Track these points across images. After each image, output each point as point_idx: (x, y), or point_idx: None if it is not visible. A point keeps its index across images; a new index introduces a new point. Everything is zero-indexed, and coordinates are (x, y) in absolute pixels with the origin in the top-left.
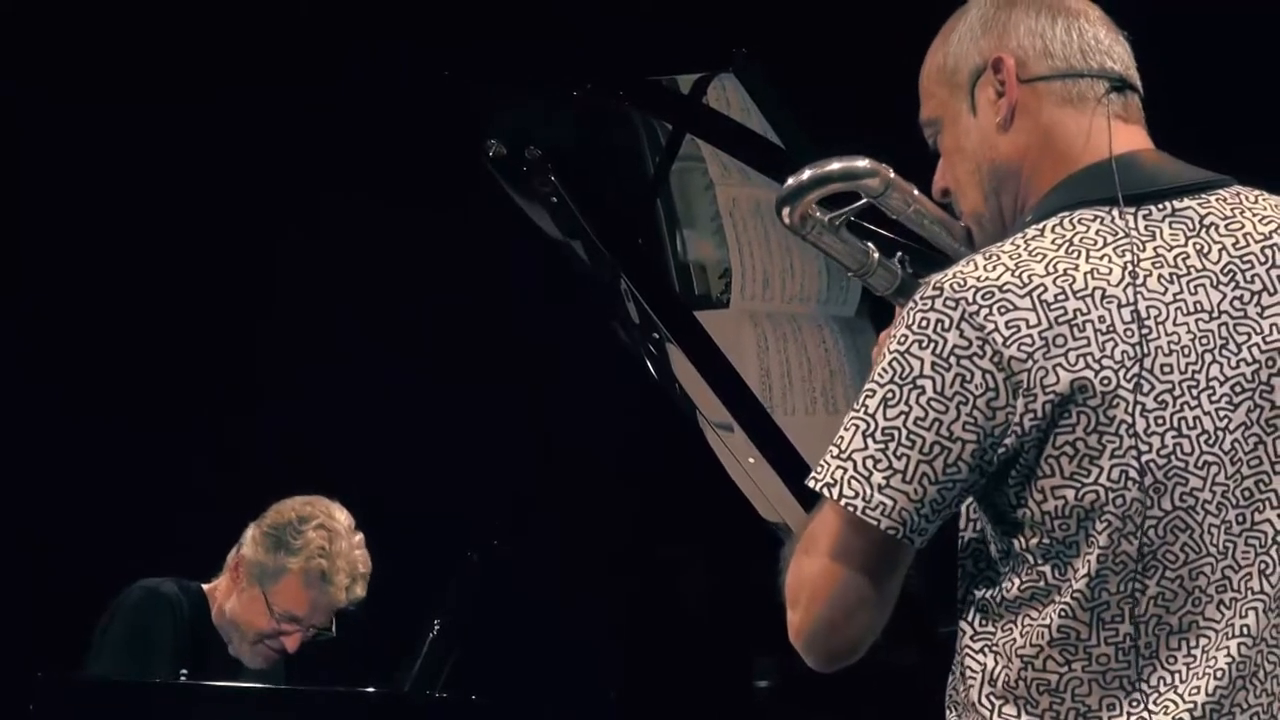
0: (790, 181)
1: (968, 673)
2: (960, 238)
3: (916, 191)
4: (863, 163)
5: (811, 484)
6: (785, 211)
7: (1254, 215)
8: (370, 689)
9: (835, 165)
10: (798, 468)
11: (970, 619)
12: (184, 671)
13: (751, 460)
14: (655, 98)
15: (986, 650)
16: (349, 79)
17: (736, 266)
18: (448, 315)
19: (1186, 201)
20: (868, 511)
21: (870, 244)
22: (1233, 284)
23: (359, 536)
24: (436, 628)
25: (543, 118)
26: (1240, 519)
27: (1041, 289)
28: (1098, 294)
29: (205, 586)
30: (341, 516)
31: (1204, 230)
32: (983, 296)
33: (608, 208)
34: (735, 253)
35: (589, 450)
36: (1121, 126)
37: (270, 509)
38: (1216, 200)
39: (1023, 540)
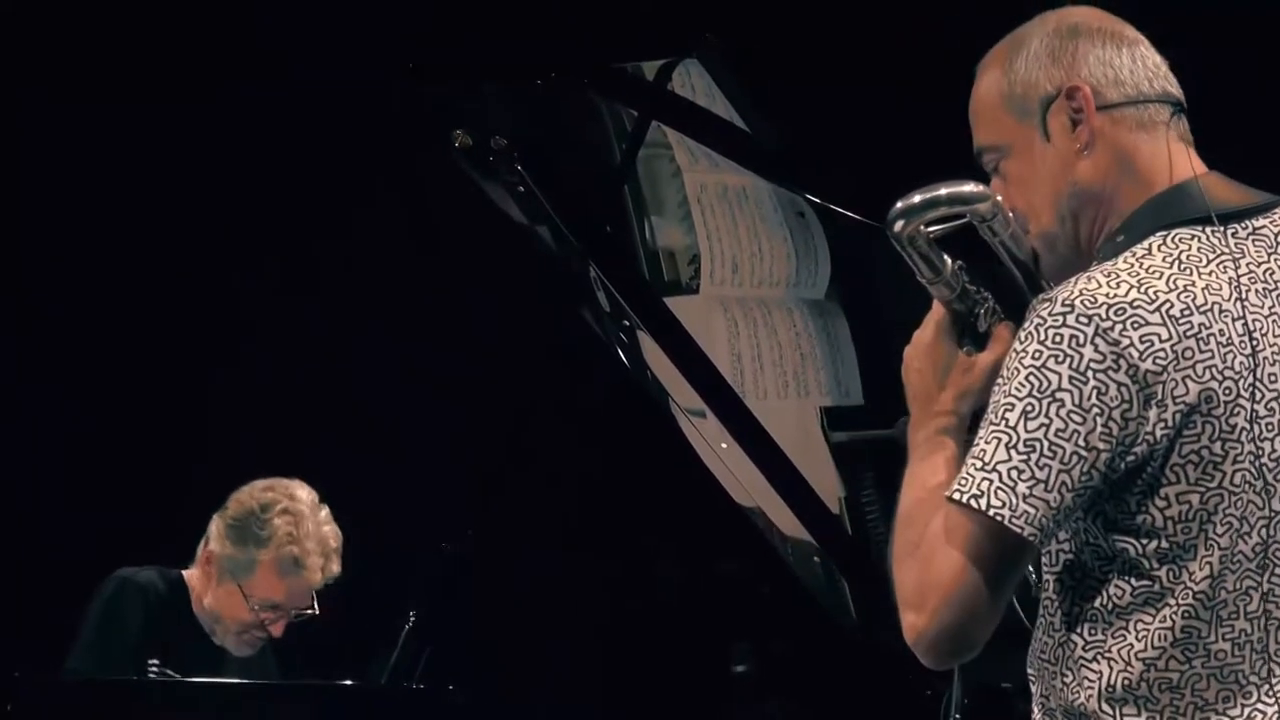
0: (901, 203)
1: (1084, 681)
2: (1028, 256)
3: (1012, 214)
4: (972, 187)
5: (958, 497)
6: (899, 226)
7: None
8: (346, 681)
9: (944, 190)
10: (771, 452)
11: (1079, 630)
12: (153, 662)
13: (724, 445)
14: (620, 85)
15: (1100, 658)
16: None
17: (705, 252)
18: (417, 307)
19: (1261, 220)
20: (1013, 520)
21: (947, 256)
22: None
23: (325, 511)
24: (411, 619)
25: (508, 107)
26: None
27: (1169, 304)
28: (1216, 309)
29: (185, 573)
30: (304, 495)
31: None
32: (1115, 312)
33: (575, 196)
34: (704, 239)
35: (562, 439)
36: (1189, 150)
37: (231, 499)
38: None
39: (1138, 545)
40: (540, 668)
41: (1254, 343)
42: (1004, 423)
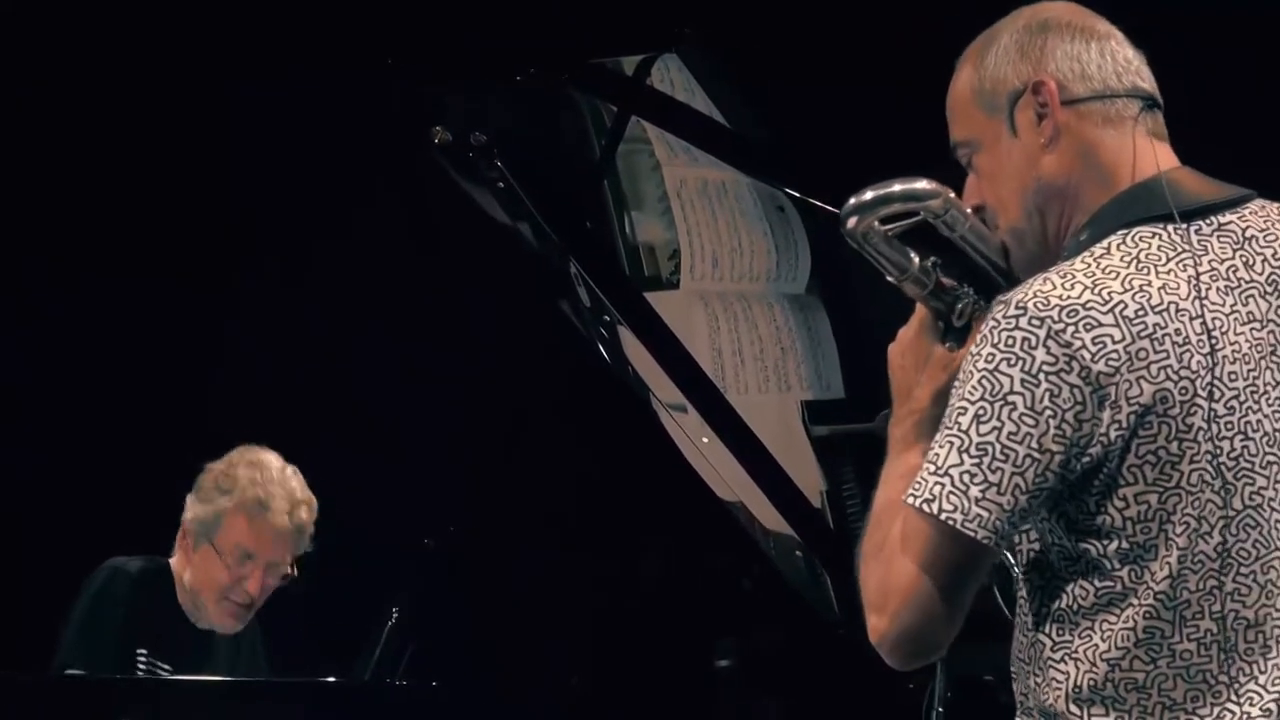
0: (854, 200)
1: (1052, 682)
2: (996, 252)
3: (969, 210)
4: (924, 184)
5: (911, 501)
6: (851, 223)
7: None
8: (330, 678)
9: (898, 187)
10: (752, 446)
11: (1047, 630)
12: (142, 652)
13: (706, 440)
14: (600, 80)
15: (1067, 659)
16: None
17: (685, 247)
18: (406, 305)
19: (1228, 216)
20: (966, 524)
21: (912, 252)
22: (1276, 293)
23: (292, 469)
24: (395, 615)
25: (488, 103)
26: None
27: (1122, 305)
28: (1172, 308)
29: (171, 561)
30: (270, 457)
31: (1247, 243)
32: (1067, 314)
33: (555, 191)
34: (684, 233)
35: (544, 435)
36: (1157, 144)
37: (200, 476)
38: (1250, 214)
39: (1099, 546)
40: (523, 663)
41: (1213, 341)
42: (957, 426)
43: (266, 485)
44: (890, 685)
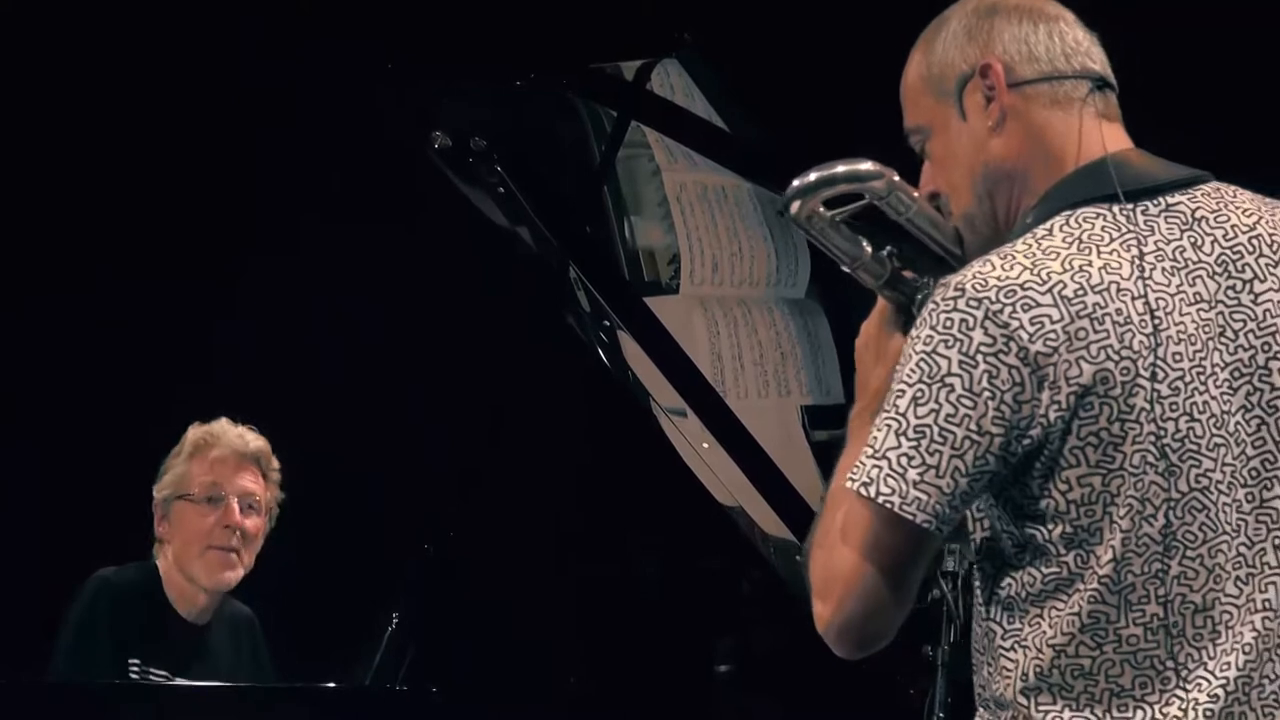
0: (797, 181)
1: (1003, 671)
2: (950, 237)
3: (915, 193)
4: (867, 165)
5: (850, 484)
6: (794, 206)
7: (1237, 208)
8: (330, 684)
9: (841, 168)
10: (752, 451)
11: (998, 618)
12: (134, 662)
13: (706, 445)
14: (599, 85)
15: (1017, 647)
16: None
17: (685, 252)
18: (396, 306)
19: (1177, 197)
20: (904, 507)
21: (864, 239)
22: (1225, 274)
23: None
24: (395, 620)
25: (487, 108)
26: (1250, 497)
27: (1061, 285)
28: (1113, 288)
29: (158, 562)
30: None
31: (1196, 224)
32: (1005, 295)
33: (555, 196)
34: (684, 238)
35: (544, 440)
36: (1106, 125)
37: None
38: (1202, 195)
39: (1044, 531)
40: (523, 668)
41: (1156, 321)
42: (894, 409)
43: (209, 429)
44: (891, 690)
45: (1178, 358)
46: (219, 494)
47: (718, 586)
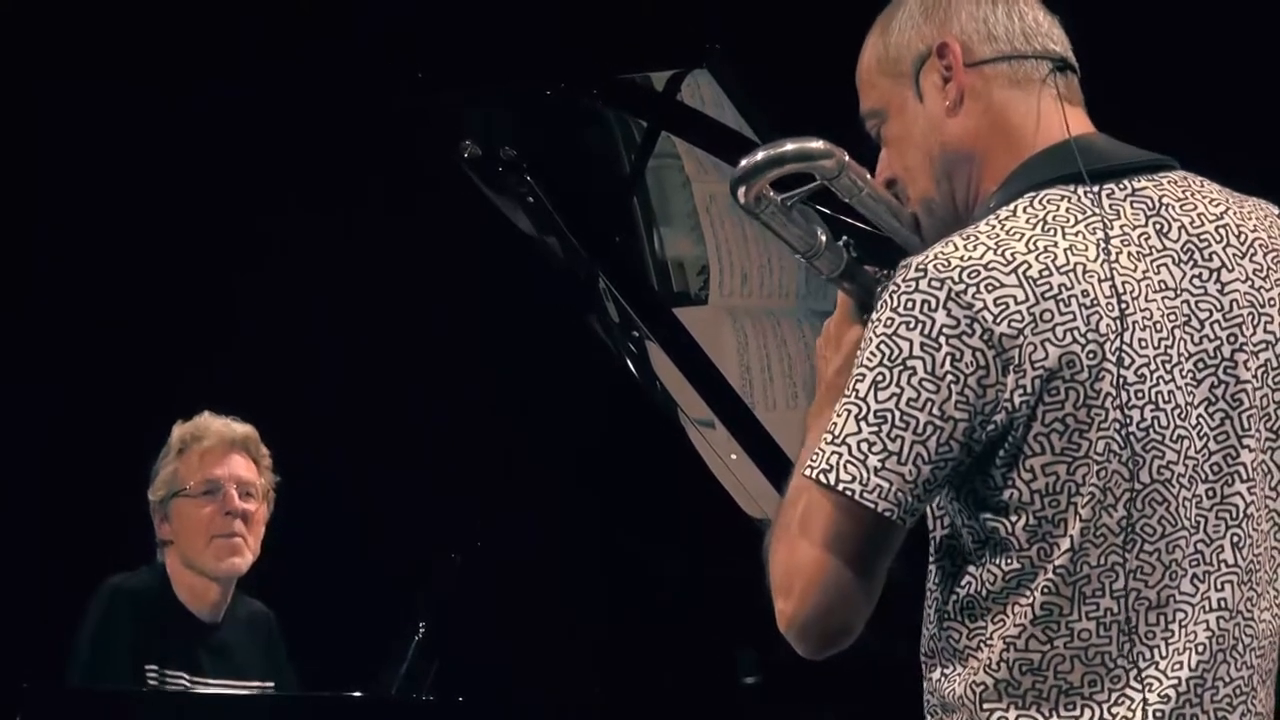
0: (745, 161)
1: (954, 670)
2: (908, 223)
3: (869, 175)
4: (817, 144)
5: (808, 473)
6: (741, 190)
7: (1204, 197)
8: (356, 693)
9: (790, 146)
10: (780, 463)
11: (959, 619)
12: (151, 668)
13: (734, 456)
14: (629, 95)
15: (982, 645)
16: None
17: (714, 263)
18: (426, 315)
19: (1143, 182)
20: (864, 495)
21: (820, 228)
22: (1191, 262)
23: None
24: (421, 630)
25: (517, 118)
26: (1210, 493)
27: (1026, 265)
28: (1079, 269)
29: (165, 563)
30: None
31: (1162, 210)
32: (968, 275)
33: (584, 207)
34: (713, 249)
35: (571, 450)
36: (1068, 107)
37: None
38: (1168, 182)
39: (1007, 525)
40: (549, 678)
41: (1123, 305)
42: (855, 394)
43: (194, 423)
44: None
45: (1144, 344)
46: (215, 484)
47: (744, 598)
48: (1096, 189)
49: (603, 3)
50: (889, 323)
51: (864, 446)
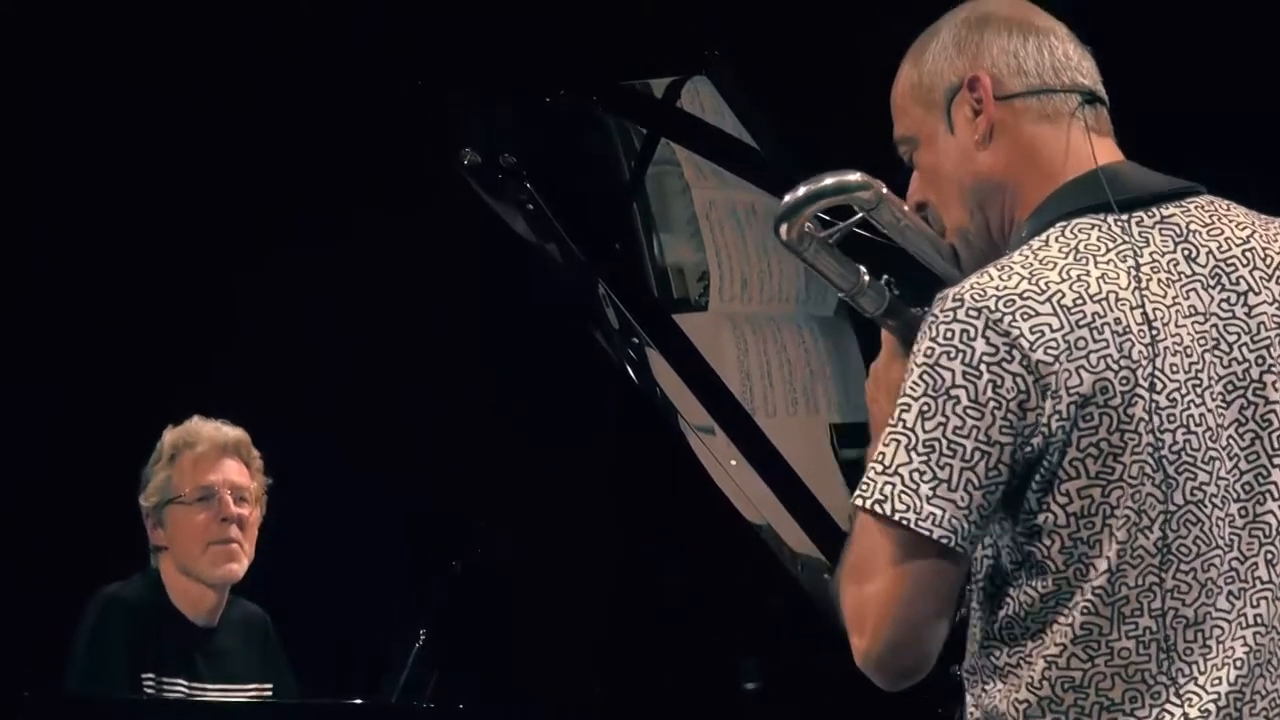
0: (787, 198)
1: (998, 687)
2: (947, 255)
3: (907, 207)
4: (854, 176)
5: (860, 503)
6: (784, 228)
7: (1230, 221)
8: (357, 700)
9: (829, 180)
10: (780, 469)
11: (1001, 638)
12: (147, 676)
13: (734, 462)
14: (629, 102)
15: (1023, 663)
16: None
17: (714, 269)
18: (427, 320)
19: (1170, 209)
20: (920, 523)
21: (862, 266)
22: (1219, 286)
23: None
24: (422, 637)
25: (517, 125)
26: (1243, 512)
27: (1060, 294)
28: (1111, 297)
29: (161, 570)
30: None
31: (1190, 236)
32: (1005, 304)
33: (584, 213)
34: (713, 255)
35: (572, 457)
36: (1096, 139)
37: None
38: (1195, 208)
39: (1043, 547)
40: (549, 685)
41: (1154, 332)
42: (901, 424)
43: (185, 429)
44: (917, 710)
45: (1175, 369)
46: (209, 490)
47: (745, 604)
48: (1125, 217)
49: (602, 9)
50: (930, 352)
51: (915, 476)
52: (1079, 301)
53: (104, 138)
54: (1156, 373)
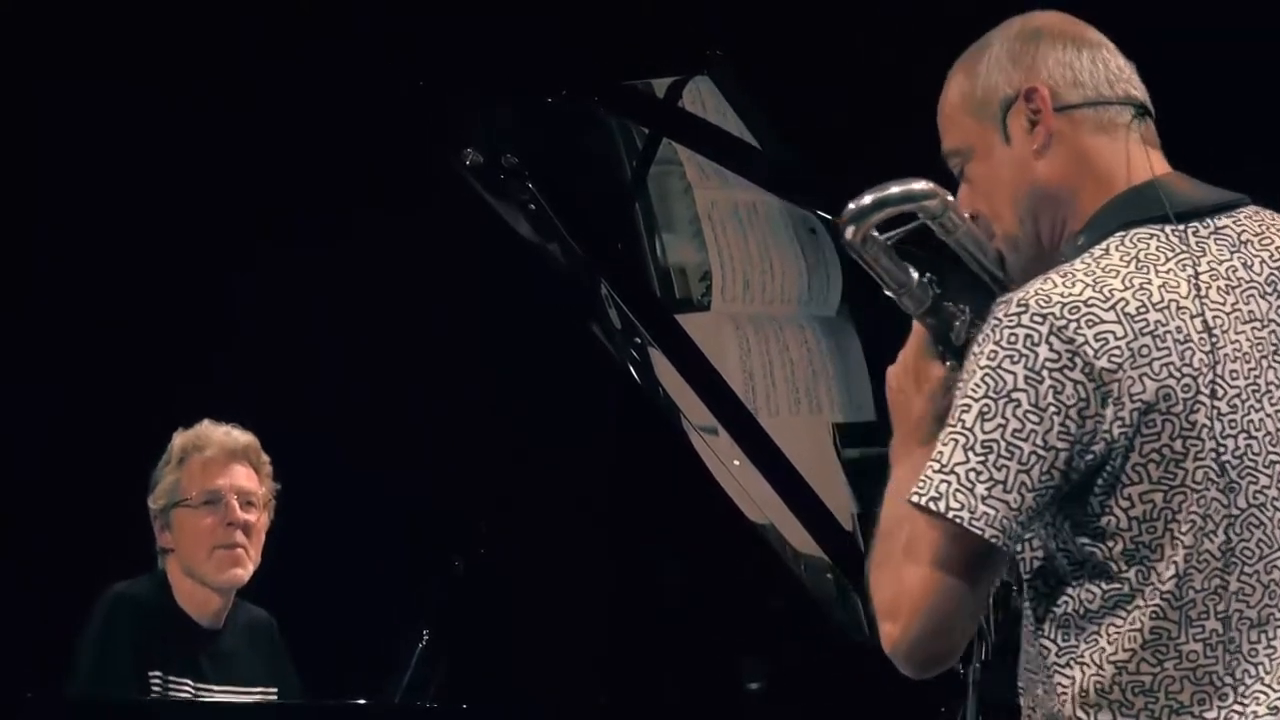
0: (852, 204)
1: (1057, 688)
2: (993, 260)
3: (968, 214)
4: (922, 185)
5: (916, 499)
6: (850, 230)
7: (1278, 230)
8: (360, 700)
9: (895, 189)
10: (782, 468)
11: (1052, 636)
12: (155, 674)
13: (737, 462)
14: (631, 102)
15: (1073, 664)
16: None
17: (716, 269)
18: (427, 320)
19: (1223, 220)
20: (973, 522)
21: (910, 266)
22: (1275, 293)
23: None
24: (425, 637)
25: (519, 125)
26: None
27: (1123, 302)
28: (1172, 305)
29: (168, 571)
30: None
31: (1243, 245)
32: (1069, 311)
33: (586, 213)
34: (715, 255)
35: (574, 455)
36: (1150, 151)
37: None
38: (1245, 218)
39: (1104, 548)
40: (552, 684)
41: (1214, 339)
42: (961, 424)
43: (195, 432)
44: (921, 709)
45: (1235, 375)
46: (216, 495)
47: (748, 603)
48: (1182, 227)
49: (604, 9)
50: (993, 355)
51: (971, 475)
52: (1142, 309)
53: (104, 138)
54: (1217, 379)
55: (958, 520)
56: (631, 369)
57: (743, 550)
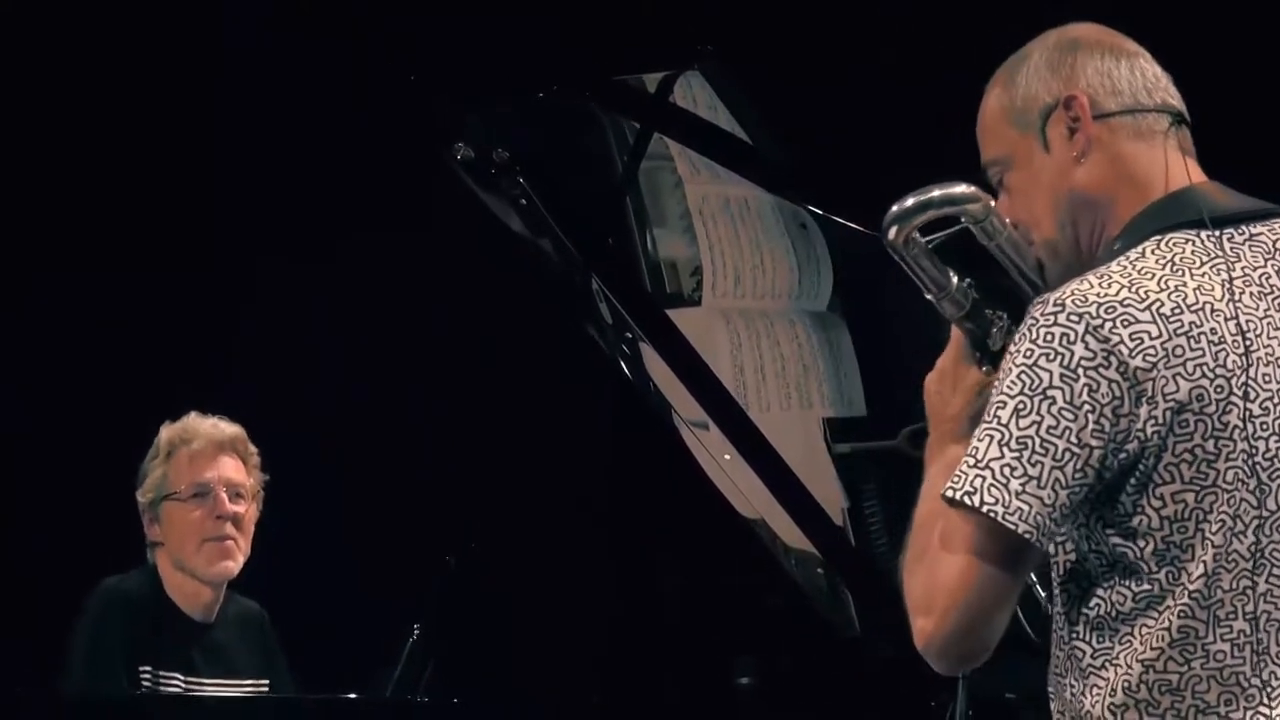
0: (895, 207)
1: (1092, 690)
2: (1033, 266)
3: (1009, 219)
4: (964, 188)
5: (951, 494)
6: (892, 232)
7: None
8: (352, 695)
9: (937, 192)
10: (774, 463)
11: (1087, 639)
12: (145, 669)
13: (728, 457)
14: (622, 97)
15: (1108, 665)
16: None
17: (707, 264)
18: (421, 318)
19: (1258, 228)
20: (1007, 517)
21: (951, 270)
22: None
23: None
24: (416, 632)
25: (510, 120)
26: None
27: (1159, 303)
28: (1207, 308)
29: (158, 565)
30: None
31: (1277, 253)
32: (1105, 310)
33: (577, 209)
34: (706, 251)
35: (565, 451)
36: (1186, 159)
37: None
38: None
39: (1136, 548)
40: (544, 680)
41: (1247, 342)
42: (996, 420)
43: (182, 425)
44: (911, 704)
45: (1267, 378)
46: (205, 487)
47: (739, 599)
48: (1218, 234)
49: (595, 5)
50: (1029, 354)
51: (1006, 471)
52: (1177, 311)
53: (104, 137)
54: (1250, 382)
55: (991, 515)
56: (622, 364)
57: (734, 545)
